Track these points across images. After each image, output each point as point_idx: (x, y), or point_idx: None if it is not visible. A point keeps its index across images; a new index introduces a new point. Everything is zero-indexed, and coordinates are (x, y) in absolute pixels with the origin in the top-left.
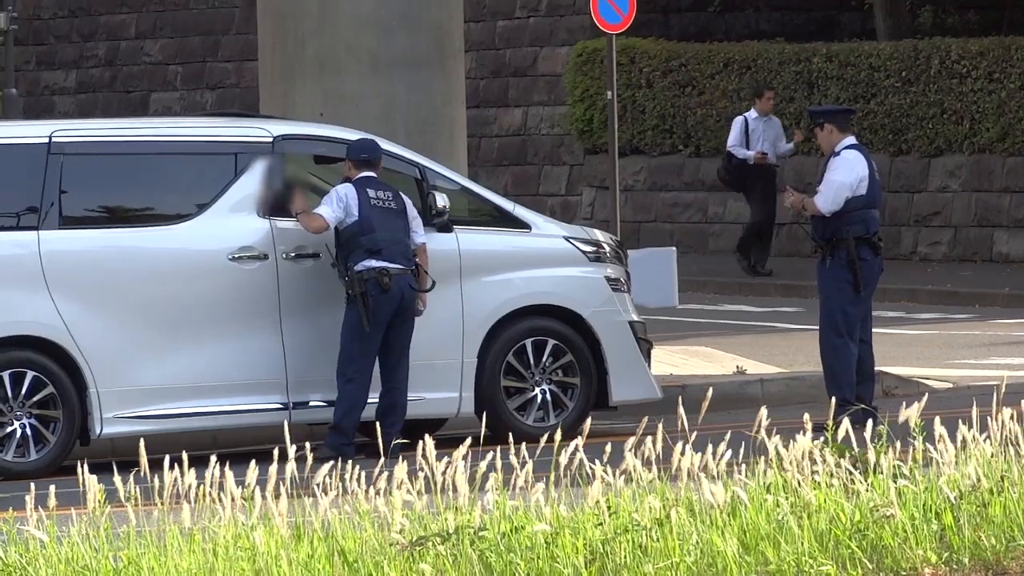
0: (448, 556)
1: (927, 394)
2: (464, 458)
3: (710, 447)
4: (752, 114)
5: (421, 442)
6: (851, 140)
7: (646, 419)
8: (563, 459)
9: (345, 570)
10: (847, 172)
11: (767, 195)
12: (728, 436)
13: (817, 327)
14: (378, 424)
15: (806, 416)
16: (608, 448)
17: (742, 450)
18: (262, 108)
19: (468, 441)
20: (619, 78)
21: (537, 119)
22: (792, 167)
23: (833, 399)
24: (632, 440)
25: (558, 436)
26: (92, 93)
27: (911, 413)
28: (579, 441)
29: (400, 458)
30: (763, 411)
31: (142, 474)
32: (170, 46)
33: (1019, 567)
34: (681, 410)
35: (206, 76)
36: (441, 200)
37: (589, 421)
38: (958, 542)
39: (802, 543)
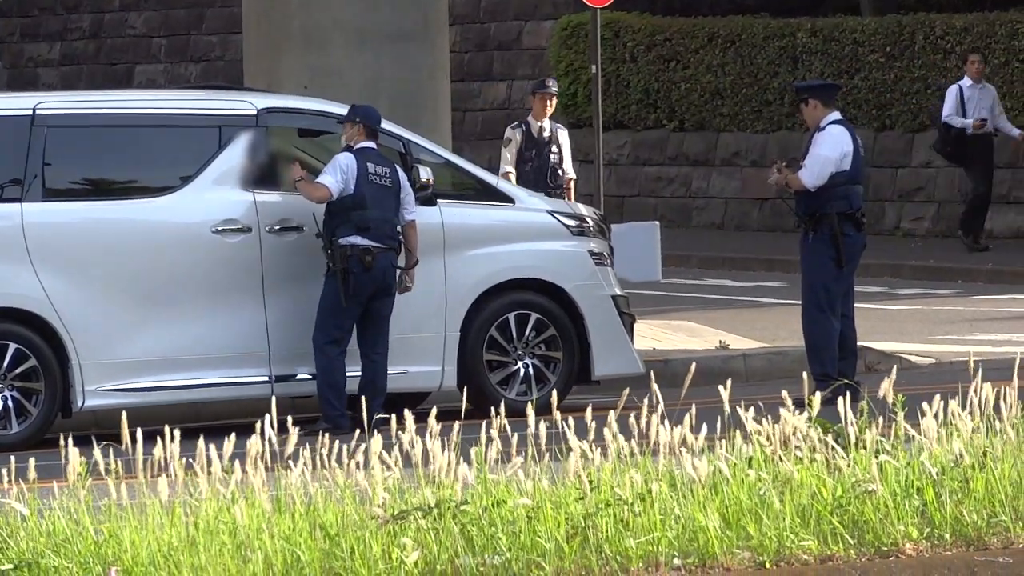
0: (430, 530)
1: (896, 366)
2: (444, 432)
3: (691, 421)
4: (966, 81)
5: (399, 415)
6: (836, 115)
7: (627, 391)
8: (543, 433)
9: (327, 544)
10: (832, 147)
11: (986, 166)
12: (701, 410)
13: (800, 302)
14: (362, 398)
15: (784, 393)
16: (590, 422)
17: (725, 425)
18: (246, 81)
19: (434, 411)
20: (603, 52)
21: (521, 93)
22: (777, 143)
23: (805, 374)
24: (613, 414)
25: (530, 410)
26: (76, 65)
27: (884, 386)
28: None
29: (375, 432)
30: (726, 385)
31: (124, 447)
32: (154, 19)
33: (1000, 543)
34: (655, 386)
35: (190, 49)
36: (425, 174)
37: (568, 395)
38: (940, 518)
39: (784, 518)
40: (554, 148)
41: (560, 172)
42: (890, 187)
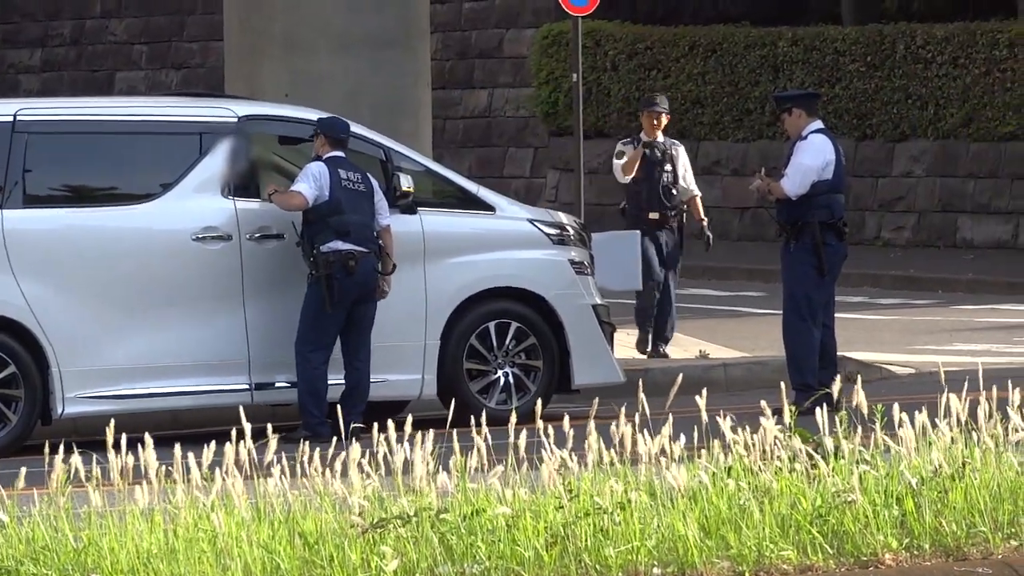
0: (409, 538)
1: (862, 376)
2: (424, 441)
3: (670, 430)
4: None
5: (379, 424)
6: (818, 124)
7: (597, 400)
8: (523, 442)
9: (306, 552)
10: (814, 156)
11: None
12: (680, 420)
13: (780, 312)
14: (339, 407)
15: (763, 402)
16: (568, 431)
17: (704, 435)
18: (227, 88)
19: (409, 419)
20: (584, 61)
21: (502, 101)
22: (758, 151)
23: (781, 384)
24: (593, 423)
25: (513, 418)
26: (57, 72)
27: (856, 394)
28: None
29: (353, 440)
30: (703, 395)
31: (106, 454)
32: (135, 25)
33: (980, 553)
34: (642, 395)
35: (171, 56)
36: (405, 182)
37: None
38: (919, 528)
39: (763, 528)
40: (667, 167)
41: (673, 192)
42: (870, 197)
